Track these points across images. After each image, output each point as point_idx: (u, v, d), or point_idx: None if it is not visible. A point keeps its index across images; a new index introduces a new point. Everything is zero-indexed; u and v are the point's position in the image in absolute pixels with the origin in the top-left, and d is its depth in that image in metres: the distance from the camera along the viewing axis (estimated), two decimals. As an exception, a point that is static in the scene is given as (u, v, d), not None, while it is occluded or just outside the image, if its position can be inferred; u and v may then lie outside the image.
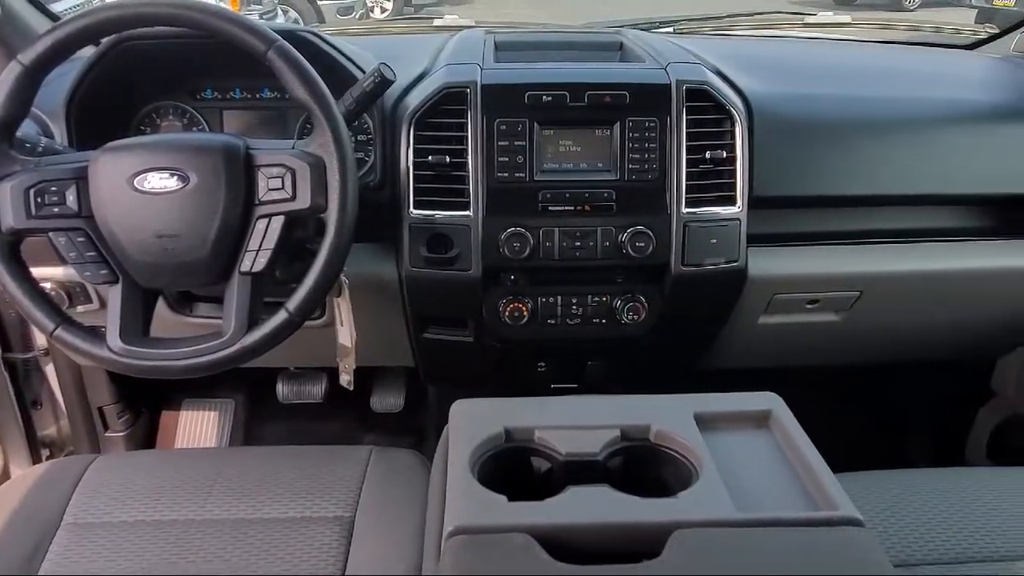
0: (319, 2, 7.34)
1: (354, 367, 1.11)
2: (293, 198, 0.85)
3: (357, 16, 7.61)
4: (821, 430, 1.55)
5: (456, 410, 0.79)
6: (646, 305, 1.09)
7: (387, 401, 1.66)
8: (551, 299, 1.09)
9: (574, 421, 0.76)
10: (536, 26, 1.49)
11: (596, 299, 1.09)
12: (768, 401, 0.80)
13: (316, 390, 1.63)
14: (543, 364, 1.21)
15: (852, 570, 0.59)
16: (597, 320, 1.10)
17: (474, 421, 0.76)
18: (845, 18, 1.52)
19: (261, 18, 5.69)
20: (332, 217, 0.85)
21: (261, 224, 0.86)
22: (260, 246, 0.86)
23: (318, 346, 1.18)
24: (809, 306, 1.20)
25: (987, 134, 1.13)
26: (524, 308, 1.08)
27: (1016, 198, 1.17)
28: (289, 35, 0.93)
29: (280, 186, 0.84)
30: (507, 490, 0.68)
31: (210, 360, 0.86)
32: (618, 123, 1.03)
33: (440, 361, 1.27)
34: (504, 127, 1.02)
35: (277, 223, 0.85)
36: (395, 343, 1.25)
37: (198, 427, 1.66)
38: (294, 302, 0.87)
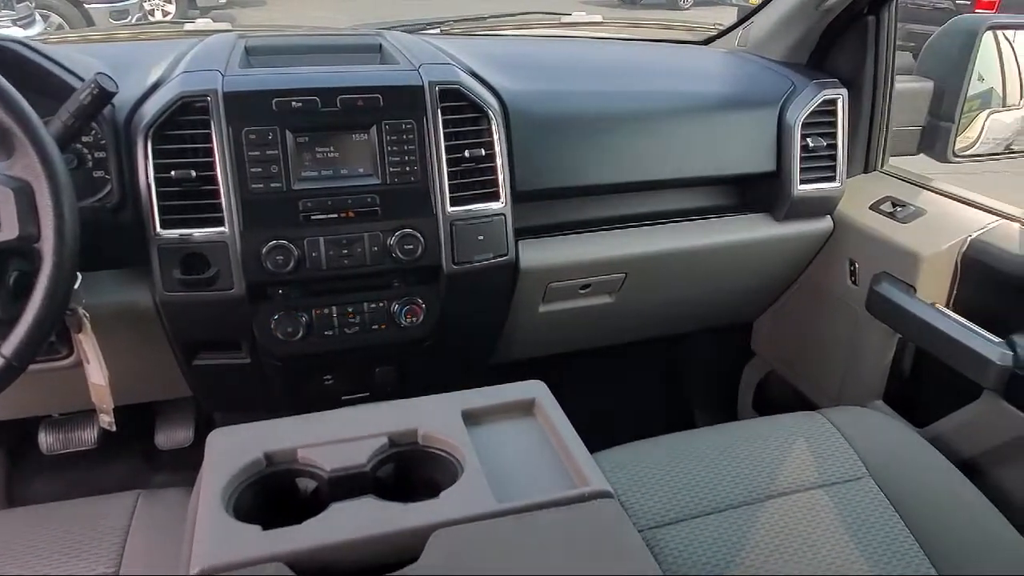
0: (87, 6, 6.67)
1: (112, 406, 1.01)
2: None
3: (133, 20, 6.99)
4: (613, 407, 1.65)
5: (212, 440, 0.75)
6: (423, 306, 1.09)
7: (174, 436, 1.54)
8: (326, 310, 1.06)
9: (339, 435, 0.74)
10: (295, 29, 1.44)
11: (373, 305, 1.08)
12: (533, 389, 0.83)
13: (87, 435, 1.47)
14: (329, 377, 1.18)
15: (598, 540, 0.62)
16: (376, 326, 1.09)
17: (231, 450, 0.72)
18: (597, 17, 1.62)
19: (15, 25, 5.07)
20: (48, 247, 0.76)
21: None
22: None
23: (76, 387, 1.06)
24: (582, 291, 1.26)
25: (715, 121, 1.25)
26: (298, 322, 1.05)
27: (746, 177, 1.30)
28: (-17, 45, 0.83)
29: None
30: (271, 518, 0.65)
31: None
32: (375, 126, 1.02)
33: (219, 387, 1.19)
34: (253, 136, 0.97)
35: None
36: (166, 374, 1.16)
37: (-56, 496, 1.44)
38: (10, 346, 0.77)
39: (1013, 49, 1.43)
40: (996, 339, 1.06)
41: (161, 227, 0.96)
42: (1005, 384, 1.03)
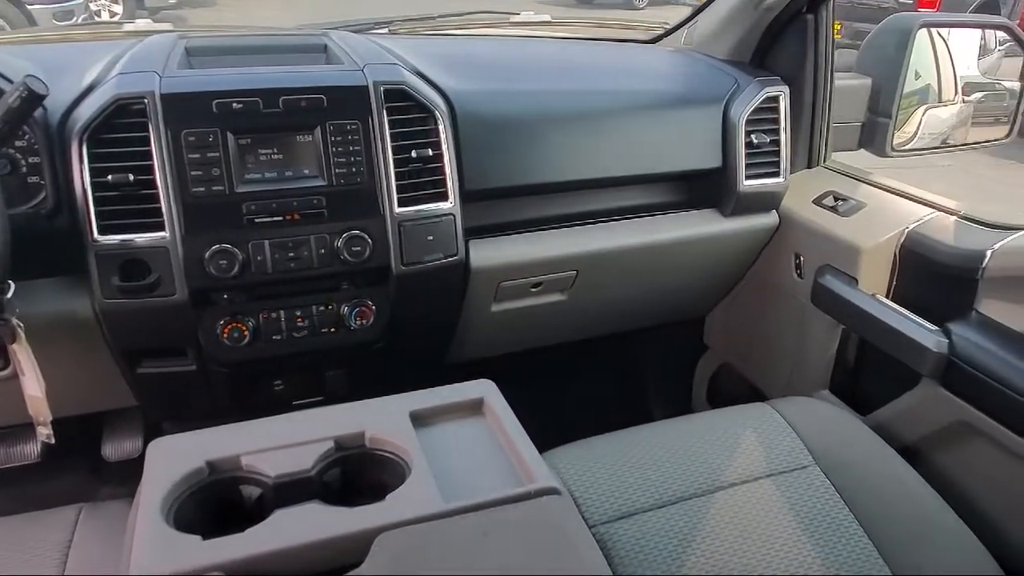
0: (30, 7, 6.47)
1: (49, 418, 0.98)
2: None
3: (79, 21, 6.80)
4: (570, 404, 1.66)
5: (152, 450, 0.73)
6: (373, 308, 1.09)
7: (122, 447, 1.50)
8: (274, 314, 1.05)
9: (285, 440, 0.74)
10: (237, 29, 1.41)
11: (321, 308, 1.07)
12: (481, 389, 0.83)
13: (29, 449, 1.42)
14: (279, 382, 1.16)
15: (545, 537, 0.63)
16: (326, 330, 1.08)
17: (172, 459, 0.71)
18: (545, 17, 1.62)
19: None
20: None
21: None
22: None
23: (14, 400, 1.03)
24: (534, 289, 1.27)
25: (662, 118, 1.26)
26: (244, 327, 1.03)
27: (695, 173, 1.32)
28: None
29: None
30: (215, 528, 0.64)
31: None
32: (319, 127, 1.01)
33: (165, 396, 1.17)
34: (193, 138, 0.95)
35: None
36: (110, 384, 1.13)
37: None
38: (-64, 358, 0.74)
39: (947, 46, 1.47)
40: (932, 327, 1.10)
41: (99, 233, 0.94)
42: (942, 371, 1.07)
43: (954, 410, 1.06)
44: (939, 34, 1.44)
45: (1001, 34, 1.45)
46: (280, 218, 1.00)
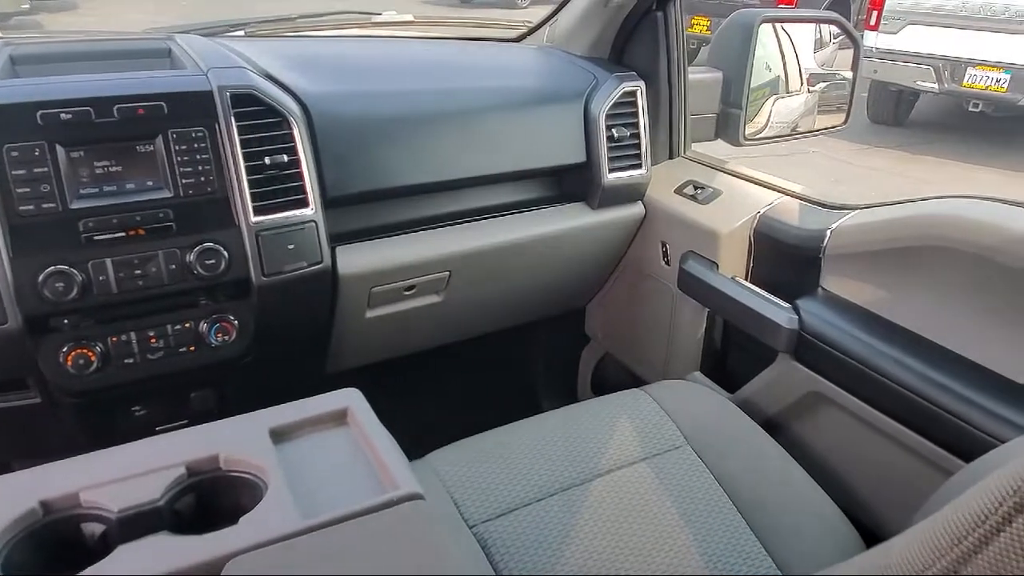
0: None
1: None
2: None
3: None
4: (459, 404, 1.65)
5: (-23, 495, 0.67)
6: (235, 323, 1.04)
7: (-30, 492, 1.37)
8: (124, 336, 0.98)
9: (131, 470, 0.69)
10: (73, 35, 1.32)
11: (178, 327, 1.01)
12: (345, 399, 0.81)
13: None
14: (139, 408, 1.09)
15: (409, 543, 0.62)
16: (184, 349, 1.02)
17: (1, 502, 0.65)
18: (408, 16, 1.61)
19: None
20: None
21: None
22: None
23: None
24: (408, 293, 1.25)
25: (526, 115, 1.28)
26: (91, 353, 0.96)
27: (561, 168, 1.34)
28: None
29: None
30: (52, 573, 0.59)
31: None
32: (160, 136, 0.95)
33: (9, 433, 1.07)
34: (16, 153, 0.88)
35: None
36: None
37: None
38: None
39: (791, 40, 1.57)
40: (784, 305, 1.16)
41: (-90, 261, 0.85)
42: (794, 345, 1.13)
43: (806, 382, 1.13)
44: (784, 28, 1.53)
45: (834, 28, 1.56)
46: (123, 234, 0.94)
